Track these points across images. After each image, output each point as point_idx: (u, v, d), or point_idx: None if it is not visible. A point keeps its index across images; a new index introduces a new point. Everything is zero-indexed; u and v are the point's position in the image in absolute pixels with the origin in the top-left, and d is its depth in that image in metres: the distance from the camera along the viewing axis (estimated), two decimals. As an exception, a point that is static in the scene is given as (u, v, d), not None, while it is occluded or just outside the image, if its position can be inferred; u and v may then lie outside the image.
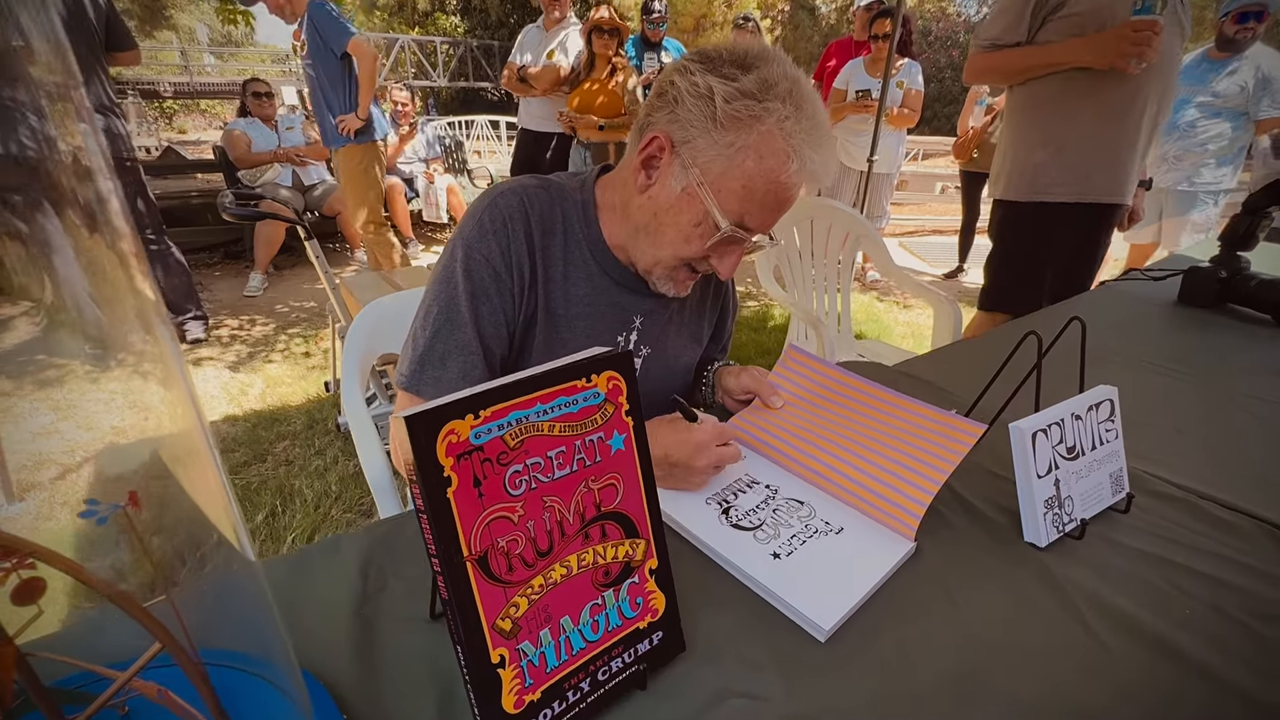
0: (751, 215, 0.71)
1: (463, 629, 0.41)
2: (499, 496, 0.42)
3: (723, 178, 0.69)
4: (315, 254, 1.91)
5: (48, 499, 0.59)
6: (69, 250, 0.30)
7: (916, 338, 3.34)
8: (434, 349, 0.75)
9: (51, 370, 0.37)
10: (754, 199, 0.69)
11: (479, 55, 14.63)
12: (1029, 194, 1.71)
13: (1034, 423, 0.65)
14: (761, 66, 0.67)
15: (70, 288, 0.35)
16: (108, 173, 0.27)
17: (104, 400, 0.38)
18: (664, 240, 0.75)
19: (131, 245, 0.29)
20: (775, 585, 0.58)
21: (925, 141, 8.54)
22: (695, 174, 0.69)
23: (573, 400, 0.46)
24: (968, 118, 3.96)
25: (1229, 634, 0.57)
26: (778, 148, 0.67)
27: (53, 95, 0.27)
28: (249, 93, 4.04)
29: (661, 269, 0.77)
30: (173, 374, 0.31)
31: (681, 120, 0.69)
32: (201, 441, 0.33)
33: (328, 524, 1.76)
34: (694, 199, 0.70)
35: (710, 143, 0.68)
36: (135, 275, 0.29)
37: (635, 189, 0.75)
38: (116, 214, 0.28)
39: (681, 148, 0.70)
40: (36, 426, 0.44)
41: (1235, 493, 0.76)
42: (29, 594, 0.34)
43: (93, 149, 0.27)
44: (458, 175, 5.36)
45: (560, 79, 3.24)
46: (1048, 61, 1.56)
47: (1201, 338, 1.28)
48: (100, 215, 0.27)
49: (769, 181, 0.68)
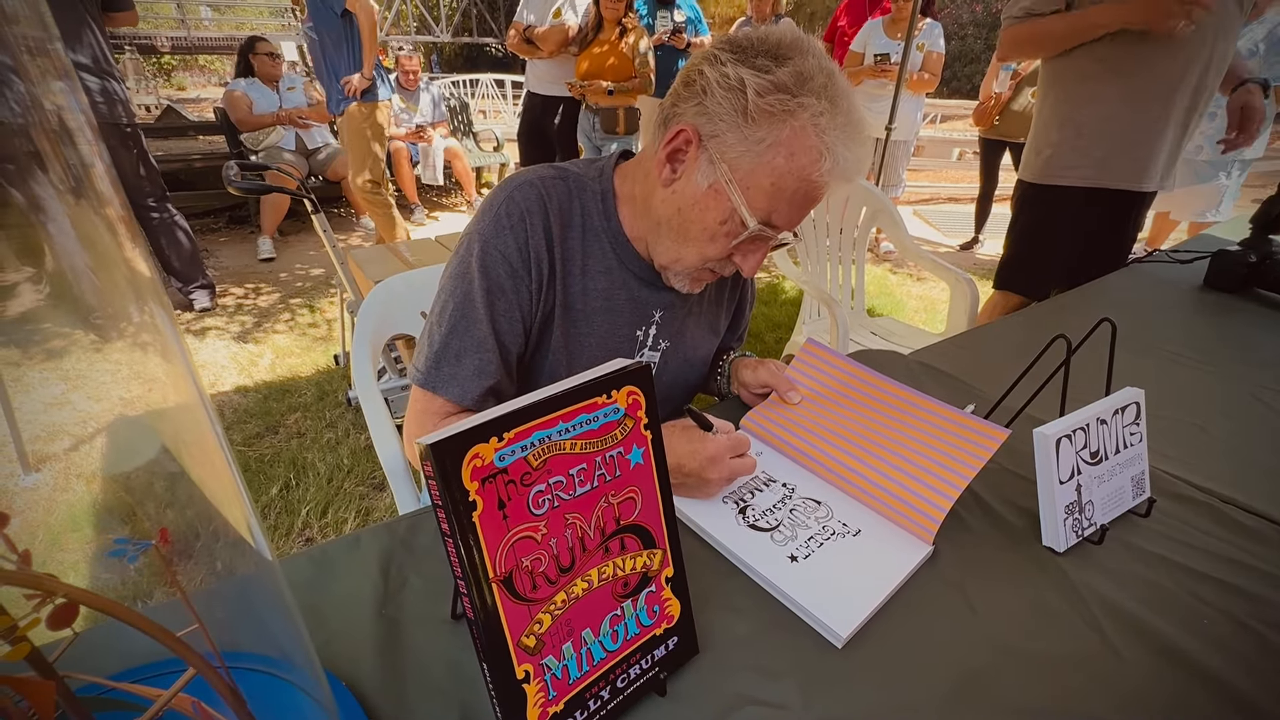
0: (780, 213, 0.69)
1: (489, 648, 0.41)
2: (523, 517, 0.42)
3: (752, 174, 0.66)
4: (323, 227, 1.89)
5: (63, 470, 0.59)
6: (64, 217, 0.29)
7: (930, 312, 3.30)
8: (449, 346, 0.75)
9: (58, 340, 0.37)
10: (783, 197, 0.67)
11: (483, 9, 14.14)
12: (1043, 176, 1.66)
13: (1058, 428, 0.64)
14: (796, 58, 0.64)
15: (69, 256, 0.34)
16: (91, 135, 0.25)
17: (110, 370, 0.38)
18: (689, 238, 0.72)
19: (119, 212, 0.27)
20: (793, 590, 0.59)
21: (943, 105, 8.26)
22: (723, 170, 0.67)
23: (594, 417, 0.45)
24: (991, 82, 3.81)
25: (1246, 646, 0.57)
26: (810, 145, 0.64)
27: (31, 51, 0.24)
28: (258, 53, 3.93)
29: (682, 266, 0.76)
30: (171, 350, 0.30)
31: (710, 113, 0.66)
32: (205, 423, 0.32)
33: (340, 498, 1.78)
34: (721, 196, 0.68)
35: (740, 138, 0.65)
36: (124, 244, 0.28)
37: (659, 182, 0.72)
38: (101, 178, 0.26)
39: (709, 141, 0.67)
40: (48, 397, 0.43)
41: (1258, 495, 0.75)
42: (64, 620, 0.34)
43: (74, 108, 0.25)
44: (463, 138, 5.25)
45: (568, 39, 3.12)
46: (1087, 25, 1.44)
47: (1227, 327, 1.25)
48: (85, 180, 0.25)
49: (800, 179, 0.66)
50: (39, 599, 0.33)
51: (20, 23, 0.23)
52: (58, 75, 0.23)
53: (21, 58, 0.23)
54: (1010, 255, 1.82)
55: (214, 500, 0.34)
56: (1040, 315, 1.37)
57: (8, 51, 0.23)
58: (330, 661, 0.52)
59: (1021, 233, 1.78)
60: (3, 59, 0.25)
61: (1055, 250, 1.70)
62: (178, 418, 0.31)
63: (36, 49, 0.23)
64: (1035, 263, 1.75)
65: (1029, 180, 1.71)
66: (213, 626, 0.36)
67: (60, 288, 0.36)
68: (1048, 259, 1.72)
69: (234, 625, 0.38)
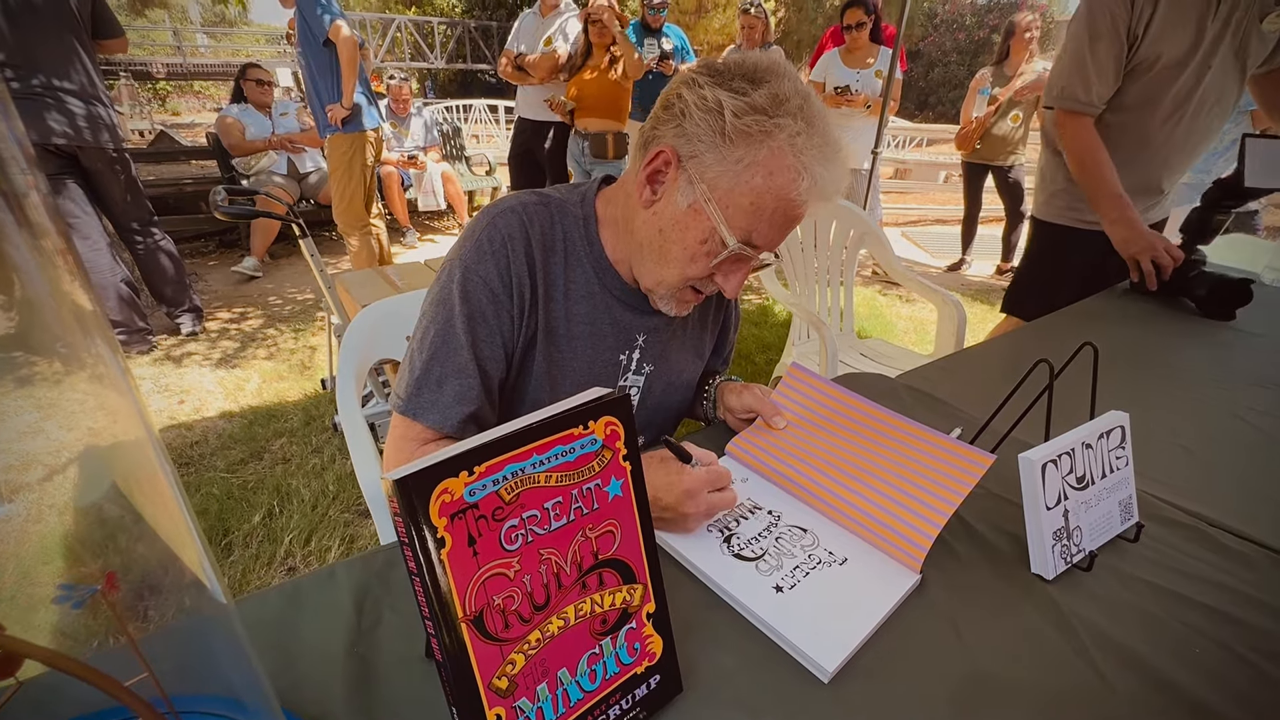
0: (759, 232, 0.69)
1: (458, 691, 0.40)
2: (495, 553, 0.41)
3: (731, 194, 0.66)
4: (310, 252, 1.88)
5: (36, 501, 0.58)
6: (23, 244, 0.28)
7: (919, 333, 3.32)
8: (430, 372, 0.74)
9: (27, 368, 0.36)
10: (763, 216, 0.67)
11: (477, 36, 14.39)
12: (1047, 214, 1.75)
13: (1044, 453, 0.64)
14: (772, 81, 0.65)
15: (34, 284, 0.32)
16: (26, 164, 0.24)
17: (79, 400, 0.36)
18: (669, 258, 0.72)
19: (57, 243, 0.26)
20: (778, 623, 0.57)
21: (929, 129, 8.44)
22: (702, 189, 0.67)
23: (569, 449, 0.44)
24: (971, 108, 3.89)
25: (1236, 674, 0.56)
26: (788, 164, 0.64)
27: None
28: (249, 79, 3.97)
29: (665, 288, 0.75)
30: (117, 387, 0.29)
31: (689, 134, 0.66)
32: (154, 462, 0.30)
33: (325, 525, 1.75)
34: (700, 215, 0.68)
35: (718, 158, 0.65)
36: (63, 276, 0.27)
37: (640, 203, 0.72)
38: (36, 208, 0.24)
39: (688, 162, 0.67)
40: (22, 425, 0.42)
41: (1247, 519, 0.75)
42: (6, 669, 0.32)
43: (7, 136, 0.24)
44: (455, 162, 5.29)
45: (558, 66, 3.17)
46: (1093, 197, 1.53)
47: (1212, 349, 1.26)
48: (19, 210, 0.24)
49: (778, 198, 0.66)
50: (-21, 648, 0.31)
51: None
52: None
53: None
54: (1015, 282, 1.90)
55: (168, 541, 0.32)
56: (1027, 338, 1.37)
57: None
58: (297, 703, 0.49)
59: (1029, 262, 1.86)
60: None
61: (1056, 281, 1.75)
62: (127, 455, 0.30)
63: None
64: (1036, 291, 1.81)
65: (1036, 216, 1.79)
66: (166, 670, 0.35)
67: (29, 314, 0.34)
68: (1048, 289, 1.76)
69: (188, 669, 0.37)
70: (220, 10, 12.81)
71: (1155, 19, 1.41)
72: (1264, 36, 1.39)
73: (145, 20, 16.49)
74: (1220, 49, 1.41)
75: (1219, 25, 1.39)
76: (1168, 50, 1.43)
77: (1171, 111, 1.48)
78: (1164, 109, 1.48)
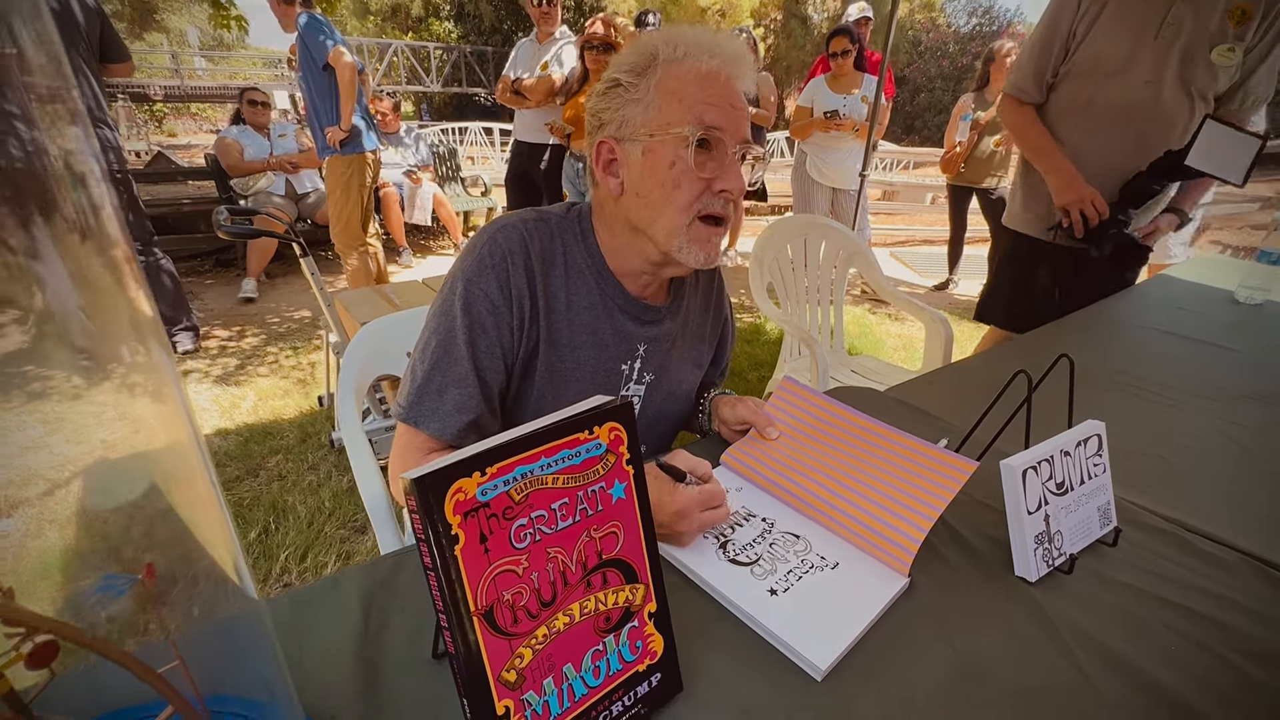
0: (707, 113, 0.72)
1: (469, 682, 0.42)
2: (505, 551, 0.43)
3: (661, 113, 0.73)
4: (310, 270, 1.91)
5: (36, 516, 0.59)
6: (58, 260, 0.30)
7: (909, 350, 3.37)
8: (431, 381, 0.76)
9: (39, 382, 0.37)
10: (694, 100, 0.72)
11: (472, 61, 14.64)
12: (1010, 221, 1.83)
13: (1024, 460, 0.67)
14: (636, 46, 0.75)
15: (60, 298, 0.35)
16: (102, 178, 0.27)
17: (94, 413, 0.38)
18: (659, 202, 0.75)
19: (125, 252, 0.29)
20: (772, 623, 0.59)
21: (915, 153, 8.63)
22: (642, 135, 0.74)
23: (575, 452, 0.47)
24: (954, 133, 4.00)
25: (1215, 673, 0.58)
26: (681, 63, 0.73)
27: (44, 98, 0.26)
28: (245, 100, 4.03)
29: (679, 233, 0.75)
30: (167, 388, 0.31)
31: (610, 120, 0.75)
32: (198, 461, 0.32)
33: (321, 541, 1.75)
34: (654, 150, 0.74)
35: (638, 108, 0.73)
36: (129, 284, 0.29)
37: (612, 196, 0.78)
38: (110, 220, 0.27)
39: (622, 131, 0.75)
40: (25, 440, 0.44)
41: (1222, 524, 0.78)
42: (43, 659, 0.34)
43: (86, 154, 0.27)
44: (449, 183, 5.35)
45: (554, 90, 3.25)
46: (1039, 162, 1.67)
47: (1189, 363, 1.30)
48: (93, 222, 0.27)
49: (695, 82, 0.72)
50: (19, 637, 0.33)
51: (35, 73, 0.25)
52: (71, 121, 0.25)
53: (31, 105, 0.25)
54: (987, 290, 1.96)
55: (202, 540, 0.35)
56: (1010, 353, 1.41)
57: (17, 100, 0.25)
58: (307, 704, 0.51)
59: (998, 271, 1.92)
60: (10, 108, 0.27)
61: (1023, 288, 1.82)
62: (169, 457, 0.32)
63: (52, 96, 0.25)
64: (1005, 298, 1.87)
65: (1003, 223, 1.87)
66: (194, 667, 0.37)
67: (46, 330, 0.37)
68: (1017, 298, 1.82)
69: (216, 666, 0.38)
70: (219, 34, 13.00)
71: (1099, 22, 1.52)
72: (1212, 68, 1.46)
73: (144, 44, 16.67)
74: (1167, 72, 1.48)
75: (1162, 46, 1.47)
76: (1105, 55, 1.52)
77: (1108, 121, 1.55)
78: (1102, 116, 1.56)
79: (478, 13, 15.51)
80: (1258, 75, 1.48)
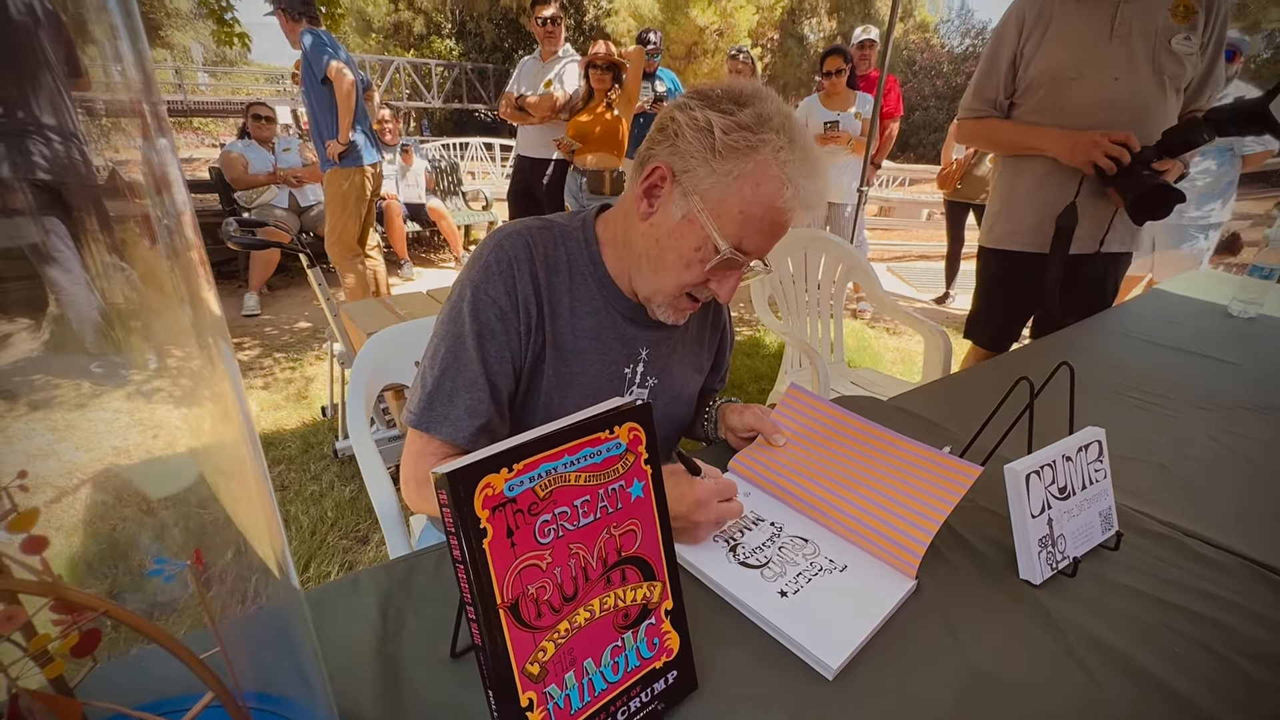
0: (749, 239, 0.74)
1: (495, 674, 0.43)
2: (530, 545, 0.44)
3: (722, 204, 0.72)
4: (317, 281, 1.93)
5: (42, 525, 0.60)
6: (78, 268, 0.32)
7: (906, 364, 3.39)
8: (442, 387, 0.78)
9: (48, 390, 0.38)
10: (751, 223, 0.73)
11: (473, 78, 14.83)
12: (989, 240, 1.82)
13: (1027, 464, 0.68)
14: (756, 103, 0.72)
15: (77, 307, 0.36)
16: (183, 184, 0.29)
17: (107, 420, 0.39)
18: (666, 266, 0.77)
19: (202, 254, 0.30)
20: (783, 624, 0.60)
21: (911, 169, 8.75)
22: (695, 201, 0.73)
23: (597, 451, 0.48)
24: (950, 150, 4.07)
25: (1218, 673, 0.59)
26: (773, 175, 0.71)
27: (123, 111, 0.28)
28: (250, 114, 4.08)
29: (663, 296, 0.80)
30: (228, 384, 0.32)
31: (682, 152, 0.73)
32: (249, 454, 0.34)
33: (323, 551, 1.75)
34: (694, 224, 0.74)
35: (709, 171, 0.72)
36: (203, 284, 0.31)
37: (637, 217, 0.78)
38: (189, 224, 0.29)
39: (682, 176, 0.73)
40: (33, 448, 0.45)
41: (1222, 530, 0.80)
42: (89, 646, 0.35)
43: (173, 162, 0.28)
44: (450, 197, 5.40)
45: (556, 107, 3.31)
46: (1026, 144, 1.65)
47: (1185, 374, 1.32)
48: (176, 225, 0.28)
49: (765, 207, 0.72)
50: (67, 623, 0.35)
51: (131, 90, 0.27)
52: (162, 133, 0.27)
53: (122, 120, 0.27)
54: (972, 311, 1.96)
55: (250, 532, 0.36)
56: (1009, 364, 1.44)
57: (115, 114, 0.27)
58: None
59: (979, 291, 1.92)
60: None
61: (1007, 308, 1.83)
62: (224, 450, 0.34)
63: (144, 111, 0.27)
64: (991, 319, 1.88)
65: (982, 243, 1.87)
66: (234, 657, 0.38)
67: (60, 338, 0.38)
68: (1000, 315, 1.85)
69: (256, 658, 0.39)
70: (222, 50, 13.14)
71: (1046, 39, 1.57)
72: (1176, 56, 1.50)
73: (147, 59, 16.77)
74: (1134, 65, 1.50)
75: (1120, 44, 1.50)
76: (1061, 63, 1.55)
77: (1088, 119, 1.55)
78: (1079, 114, 1.56)
79: (479, 31, 15.74)
80: (1216, 71, 1.55)
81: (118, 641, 0.38)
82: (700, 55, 12.25)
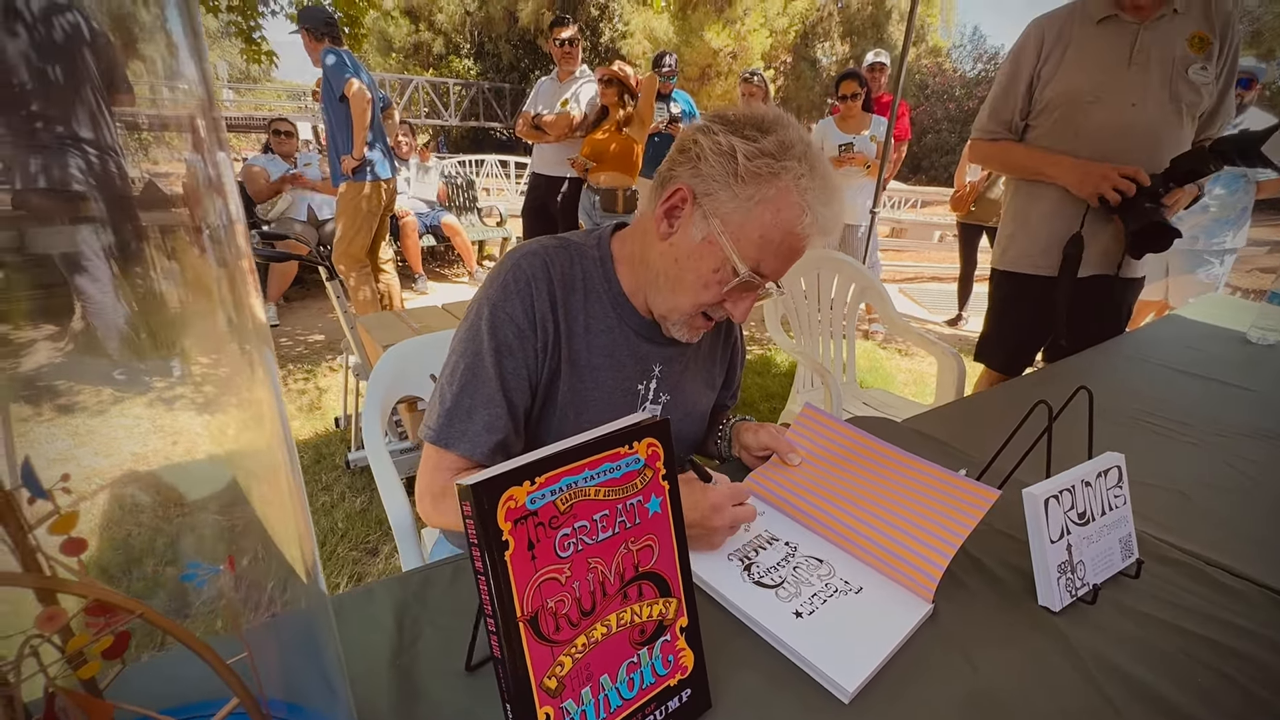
0: (767, 263, 0.75)
1: (513, 687, 0.43)
2: (550, 559, 0.45)
3: (742, 227, 0.74)
4: (335, 294, 1.96)
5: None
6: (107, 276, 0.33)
7: (919, 385, 3.37)
8: (460, 403, 0.79)
9: (71, 396, 0.39)
10: (770, 248, 0.74)
11: (490, 97, 15.11)
12: (1002, 263, 1.82)
13: (1046, 488, 0.68)
14: (778, 130, 0.73)
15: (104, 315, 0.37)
16: (236, 195, 0.30)
17: (128, 426, 0.40)
18: (683, 286, 0.79)
19: (251, 264, 0.31)
20: (799, 645, 0.60)
21: (923, 191, 8.77)
22: (716, 224, 0.74)
23: (616, 466, 0.49)
24: (964, 172, 4.09)
25: (1241, 706, 0.58)
26: (793, 201, 0.72)
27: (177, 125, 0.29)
28: (272, 130, 4.19)
29: (679, 315, 0.81)
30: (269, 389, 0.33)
31: (704, 175, 0.74)
32: (284, 459, 0.34)
33: (334, 562, 1.75)
34: (713, 247, 0.75)
35: (731, 195, 0.73)
36: (250, 292, 0.32)
37: (656, 237, 0.79)
38: (241, 234, 0.30)
39: (703, 199, 0.75)
40: (52, 453, 0.46)
41: (1242, 559, 0.78)
42: (120, 649, 0.36)
43: (229, 176, 0.30)
44: (465, 213, 5.48)
45: (572, 125, 3.36)
46: (1038, 170, 1.67)
47: (1203, 400, 1.31)
48: (228, 233, 0.29)
49: (784, 232, 0.73)
50: (100, 625, 0.35)
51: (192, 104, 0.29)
52: (220, 147, 0.29)
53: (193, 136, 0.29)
54: (983, 333, 1.95)
55: (276, 538, 0.37)
56: (1024, 387, 1.43)
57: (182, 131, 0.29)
58: (346, 711, 0.52)
59: (991, 313, 1.92)
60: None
61: (1019, 331, 1.82)
62: (260, 455, 0.34)
63: (204, 127, 0.29)
64: (1002, 341, 1.87)
65: (994, 265, 1.87)
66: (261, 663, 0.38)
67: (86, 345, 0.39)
68: (1013, 338, 1.83)
69: (282, 665, 0.40)
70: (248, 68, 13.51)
71: (1065, 62, 1.58)
72: (1193, 84, 1.51)
73: (175, 76, 17.26)
74: (1151, 92, 1.52)
75: (1139, 72, 1.51)
76: (1078, 87, 1.56)
77: (1102, 144, 1.56)
78: (1094, 140, 1.57)
79: (496, 51, 16.06)
80: (1226, 101, 1.56)
81: (135, 646, 0.38)
82: (714, 77, 12.41)
